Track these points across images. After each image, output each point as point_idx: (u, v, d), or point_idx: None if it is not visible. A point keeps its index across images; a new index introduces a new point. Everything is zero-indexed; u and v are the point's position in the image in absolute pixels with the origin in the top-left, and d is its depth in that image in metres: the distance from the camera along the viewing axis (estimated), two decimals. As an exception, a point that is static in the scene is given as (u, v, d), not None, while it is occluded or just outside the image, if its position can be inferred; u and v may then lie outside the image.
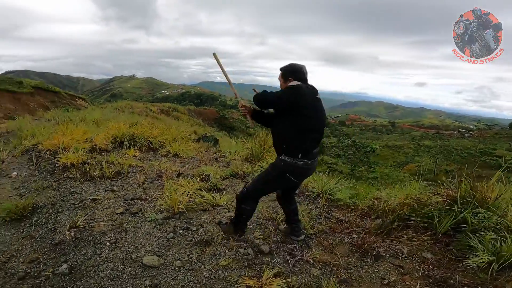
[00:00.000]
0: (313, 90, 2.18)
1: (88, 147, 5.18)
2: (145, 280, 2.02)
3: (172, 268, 2.15)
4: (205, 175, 4.01)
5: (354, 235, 2.69)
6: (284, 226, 2.69)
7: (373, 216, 3.05)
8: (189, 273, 2.10)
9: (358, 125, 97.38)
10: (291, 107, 2.09)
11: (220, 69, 2.52)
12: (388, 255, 2.43)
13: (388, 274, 2.20)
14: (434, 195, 3.13)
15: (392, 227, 2.77)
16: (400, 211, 2.94)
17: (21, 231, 2.60)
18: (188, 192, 3.18)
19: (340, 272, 2.18)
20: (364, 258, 2.38)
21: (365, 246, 2.46)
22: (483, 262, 2.20)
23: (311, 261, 2.28)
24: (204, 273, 2.10)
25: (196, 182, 3.62)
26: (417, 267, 2.31)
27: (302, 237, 2.52)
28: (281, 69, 2.29)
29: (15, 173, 4.42)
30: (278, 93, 2.16)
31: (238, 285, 1.96)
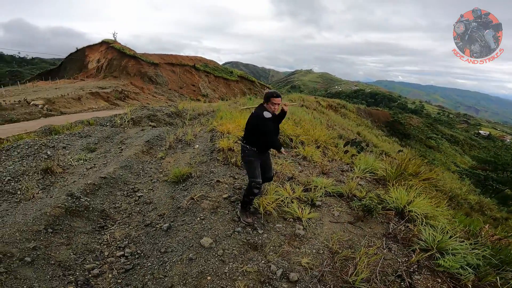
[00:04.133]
0: None
1: (242, 135, 6.63)
2: (190, 253, 2.64)
3: (213, 253, 2.63)
4: (313, 186, 4.16)
5: None
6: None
7: None
8: (218, 263, 2.52)
9: None
10: None
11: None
12: None
13: None
14: None
15: None
16: None
17: (172, 191, 3.98)
18: (284, 198, 3.53)
19: None
20: None
21: None
22: None
23: None
24: (225, 269, 2.45)
25: (299, 191, 3.89)
26: None
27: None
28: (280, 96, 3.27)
29: (197, 145, 6.48)
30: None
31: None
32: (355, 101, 62.48)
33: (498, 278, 2.37)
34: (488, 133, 76.90)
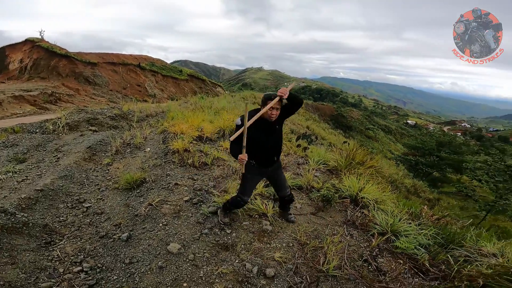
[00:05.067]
0: None
1: (197, 135, 6.38)
2: (159, 261, 2.49)
3: (184, 259, 2.53)
4: (273, 181, 4.21)
5: None
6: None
7: (432, 277, 2.43)
8: (191, 268, 2.43)
9: (532, 146, 70.81)
10: None
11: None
12: None
13: None
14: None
15: None
16: (457, 283, 2.20)
17: (126, 199, 3.66)
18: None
19: None
20: None
21: None
22: None
23: None
24: (201, 273, 2.38)
25: (260, 187, 3.89)
26: None
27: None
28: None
29: (148, 149, 6.03)
30: None
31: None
32: (303, 97, 65.73)
33: (449, 256, 2.67)
34: (415, 122, 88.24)
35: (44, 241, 2.76)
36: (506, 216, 15.28)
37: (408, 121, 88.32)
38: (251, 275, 2.41)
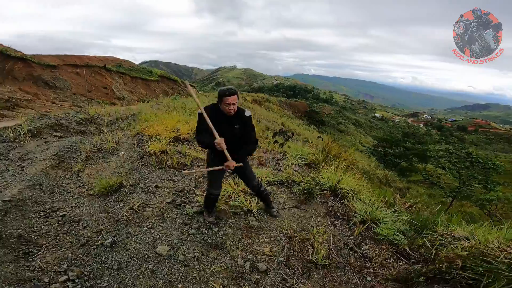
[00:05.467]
0: None
1: (173, 136, 6.23)
2: (149, 264, 2.44)
3: (174, 260, 2.49)
4: (255, 177, 4.24)
5: (368, 278, 2.42)
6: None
7: (414, 261, 2.61)
8: (183, 269, 2.41)
9: (486, 133, 77.88)
10: None
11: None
12: None
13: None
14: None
15: (418, 280, 2.29)
16: (438, 265, 2.39)
17: (103, 205, 3.49)
18: (230, 193, 3.49)
19: None
20: None
21: None
22: None
23: None
24: (194, 273, 2.37)
25: (243, 184, 3.90)
26: None
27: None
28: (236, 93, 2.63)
29: (122, 153, 5.78)
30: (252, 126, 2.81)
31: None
32: (277, 94, 66.61)
33: (426, 240, 2.86)
34: (382, 115, 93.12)
35: (21, 251, 2.55)
36: (471, 202, 16.57)
37: (376, 115, 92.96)
38: (244, 270, 2.44)
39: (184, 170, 2.91)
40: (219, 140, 2.51)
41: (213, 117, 2.55)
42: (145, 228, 2.93)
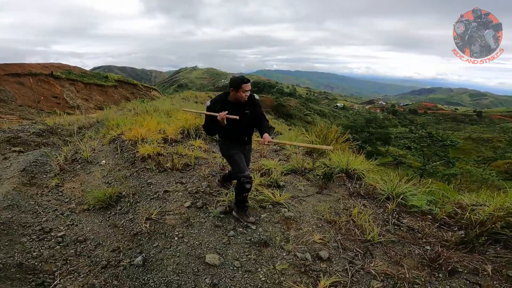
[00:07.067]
0: None
1: (161, 138, 5.72)
2: (205, 278, 2.12)
3: (231, 268, 2.20)
4: (266, 169, 4.01)
5: (427, 247, 2.39)
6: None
7: (455, 228, 2.62)
8: (246, 275, 2.14)
9: (434, 114, 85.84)
10: None
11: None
12: (465, 271, 2.08)
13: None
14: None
15: (479, 241, 2.34)
16: (491, 226, 2.46)
17: (107, 219, 2.99)
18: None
19: (405, 286, 1.95)
20: (436, 273, 2.09)
21: (440, 260, 2.14)
22: None
23: (373, 272, 2.12)
24: (261, 276, 2.11)
25: (257, 176, 3.66)
26: (497, 285, 1.92)
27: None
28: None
29: (104, 161, 5.14)
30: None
31: (293, 293, 1.91)
32: (243, 92, 66.28)
33: (455, 207, 2.88)
34: (343, 104, 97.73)
35: (33, 282, 2.01)
36: (437, 178, 18.00)
37: (338, 104, 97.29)
38: (308, 262, 2.25)
39: (184, 109, 2.90)
40: (222, 113, 2.59)
41: (224, 107, 2.66)
42: (176, 238, 2.55)
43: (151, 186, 3.50)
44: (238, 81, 2.63)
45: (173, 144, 5.67)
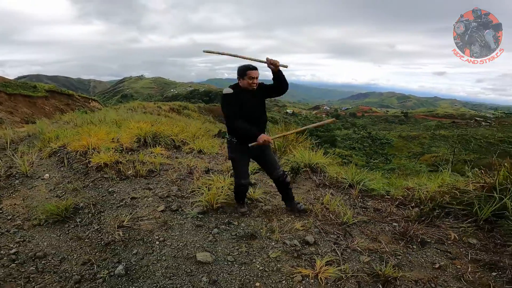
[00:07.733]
0: None
1: (115, 147, 5.31)
2: (202, 276, 2.05)
3: (226, 263, 2.19)
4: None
5: (395, 224, 2.72)
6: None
7: (412, 205, 3.03)
8: (243, 267, 2.15)
9: (370, 117, 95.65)
10: None
11: (230, 57, 2.74)
12: (433, 242, 2.44)
13: (437, 259, 2.23)
14: (472, 183, 3.09)
15: (433, 214, 2.76)
16: (440, 199, 2.90)
17: (67, 232, 2.67)
18: (222, 187, 3.23)
19: (390, 258, 2.19)
20: (410, 245, 2.40)
21: (409, 233, 2.47)
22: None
23: (358, 249, 2.33)
24: (258, 266, 2.14)
25: (228, 177, 3.67)
26: (464, 252, 2.31)
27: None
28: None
29: (47, 175, 4.57)
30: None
31: (294, 275, 2.00)
32: (193, 101, 64.91)
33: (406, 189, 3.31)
34: (292, 111, 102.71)
35: None
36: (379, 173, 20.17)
37: (287, 111, 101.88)
38: (298, 248, 2.35)
39: (205, 50, 2.63)
40: (265, 136, 2.48)
41: (239, 98, 2.53)
42: (157, 242, 2.41)
43: (114, 195, 3.24)
44: (243, 68, 2.52)
45: (130, 152, 5.32)
